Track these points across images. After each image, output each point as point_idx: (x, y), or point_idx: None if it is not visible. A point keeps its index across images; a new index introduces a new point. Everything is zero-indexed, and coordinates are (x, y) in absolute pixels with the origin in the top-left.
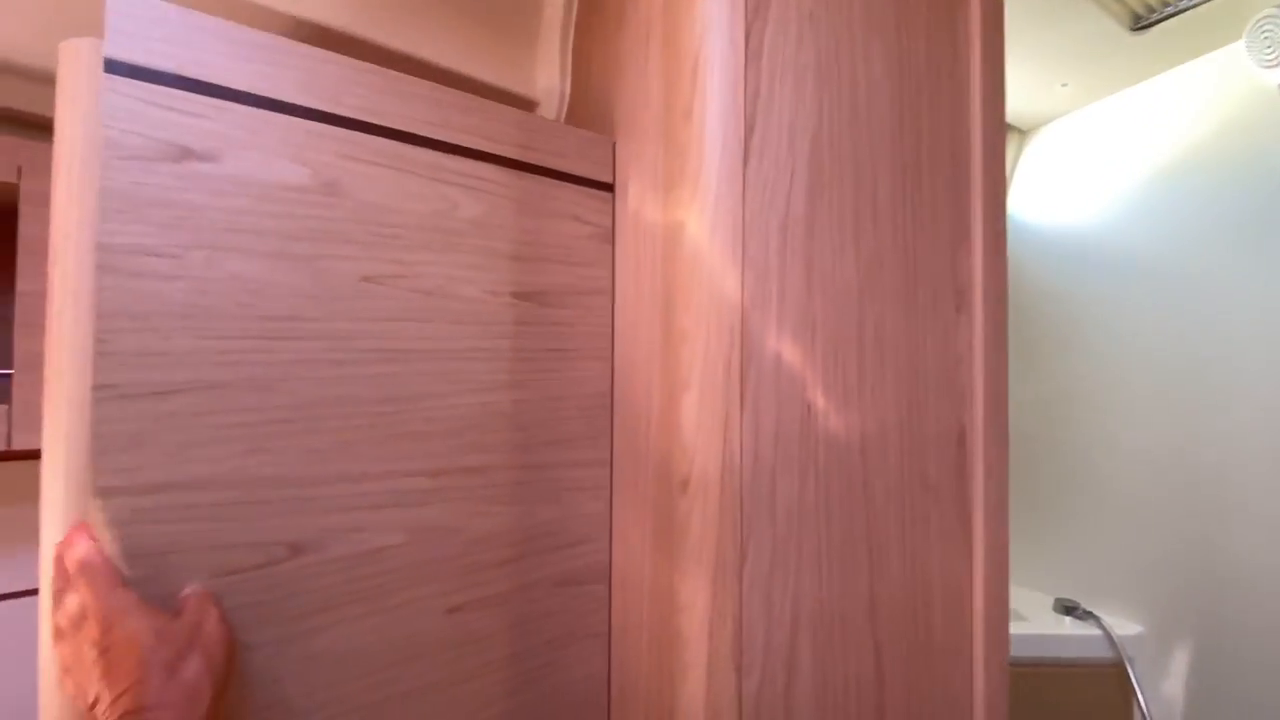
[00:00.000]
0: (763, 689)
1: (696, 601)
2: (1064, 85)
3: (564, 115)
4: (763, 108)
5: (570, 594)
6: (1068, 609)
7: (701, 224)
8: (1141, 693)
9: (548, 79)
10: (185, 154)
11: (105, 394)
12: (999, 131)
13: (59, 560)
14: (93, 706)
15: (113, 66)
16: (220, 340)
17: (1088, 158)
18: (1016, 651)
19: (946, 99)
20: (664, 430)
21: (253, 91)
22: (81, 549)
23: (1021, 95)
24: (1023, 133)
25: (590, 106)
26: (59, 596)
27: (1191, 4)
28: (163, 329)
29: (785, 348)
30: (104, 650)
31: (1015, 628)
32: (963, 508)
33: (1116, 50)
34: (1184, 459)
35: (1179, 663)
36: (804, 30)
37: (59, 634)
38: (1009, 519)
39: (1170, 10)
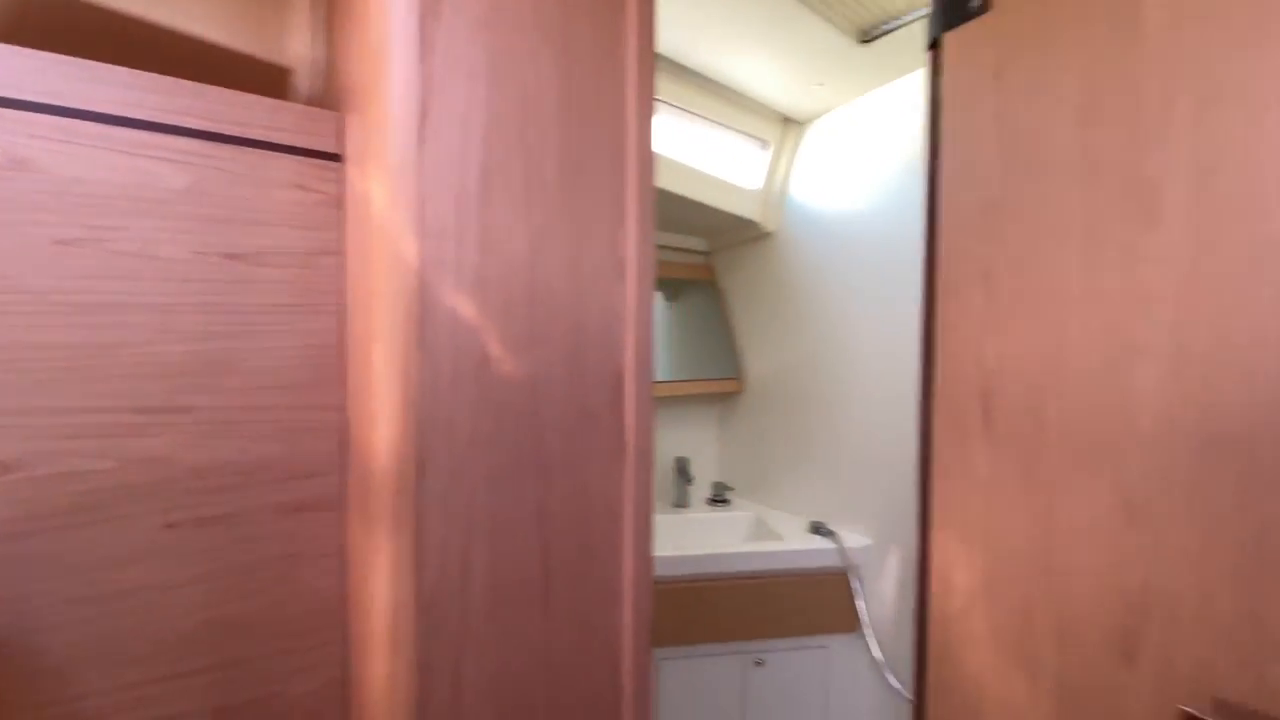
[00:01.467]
0: (440, 583)
1: (384, 514)
2: (820, 85)
3: (319, 84)
4: (437, 97)
5: (300, 519)
6: (817, 528)
7: (385, 195)
8: (862, 592)
9: (300, 46)
10: None
11: None
12: (647, 133)
13: None
14: None
15: None
16: None
17: (850, 150)
18: (772, 565)
19: (608, 102)
20: (365, 374)
21: None
22: None
23: (789, 91)
24: (800, 124)
25: (335, 78)
26: None
27: (904, 23)
28: None
29: (462, 305)
30: None
31: (772, 545)
32: (618, 432)
33: (851, 59)
34: (896, 410)
35: (891, 566)
36: (475, 33)
37: None
38: (654, 440)
39: (887, 28)
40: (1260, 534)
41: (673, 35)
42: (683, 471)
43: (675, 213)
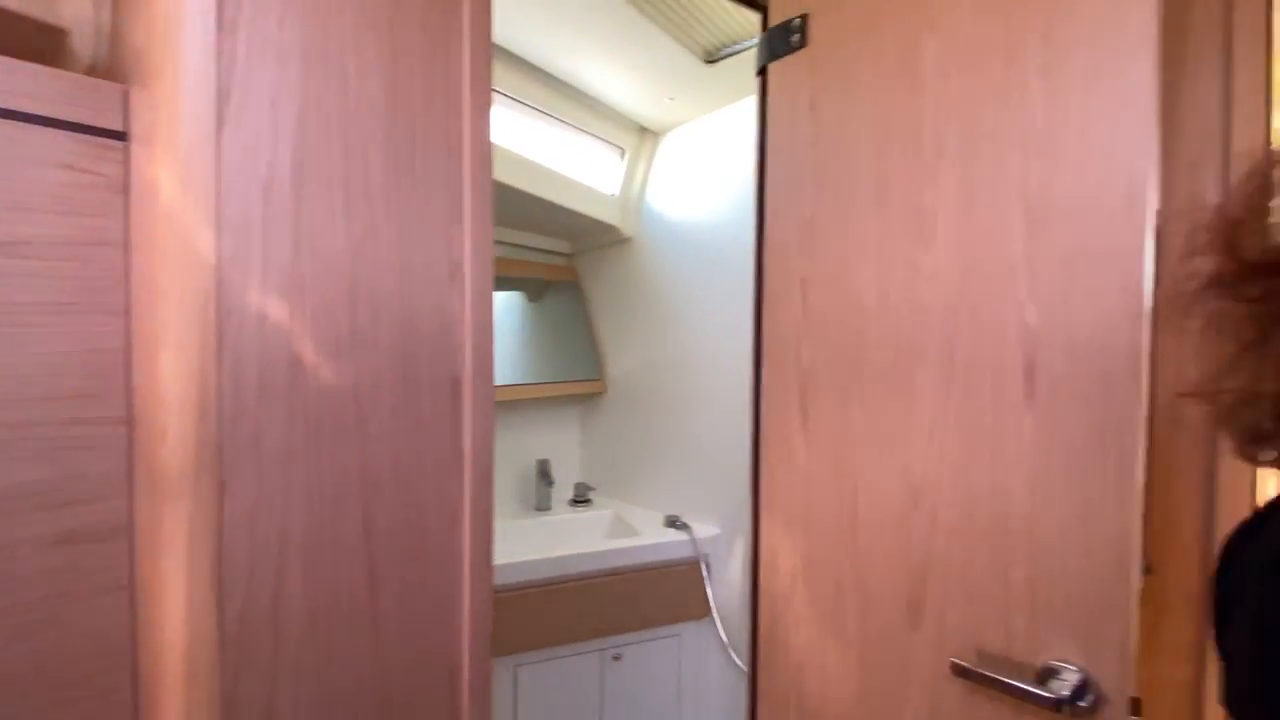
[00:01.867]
0: (249, 612)
1: (179, 540)
2: (671, 99)
3: (103, 51)
4: (240, 78)
5: (72, 552)
6: (672, 522)
7: (174, 183)
8: (709, 579)
9: (76, 7)
10: None
11: None
12: (484, 128)
13: None
14: None
15: None
16: None
17: (702, 163)
18: (629, 561)
19: (441, 99)
20: (154, 384)
21: None
22: None
23: (643, 102)
24: (655, 134)
25: (122, 44)
26: None
27: (744, 47)
28: None
29: (271, 306)
30: None
31: (628, 541)
32: (454, 440)
33: (699, 77)
34: (744, 407)
35: (738, 553)
36: (287, 13)
37: None
38: (494, 448)
39: (730, 51)
40: (999, 507)
41: (530, 38)
42: (544, 474)
43: (537, 214)
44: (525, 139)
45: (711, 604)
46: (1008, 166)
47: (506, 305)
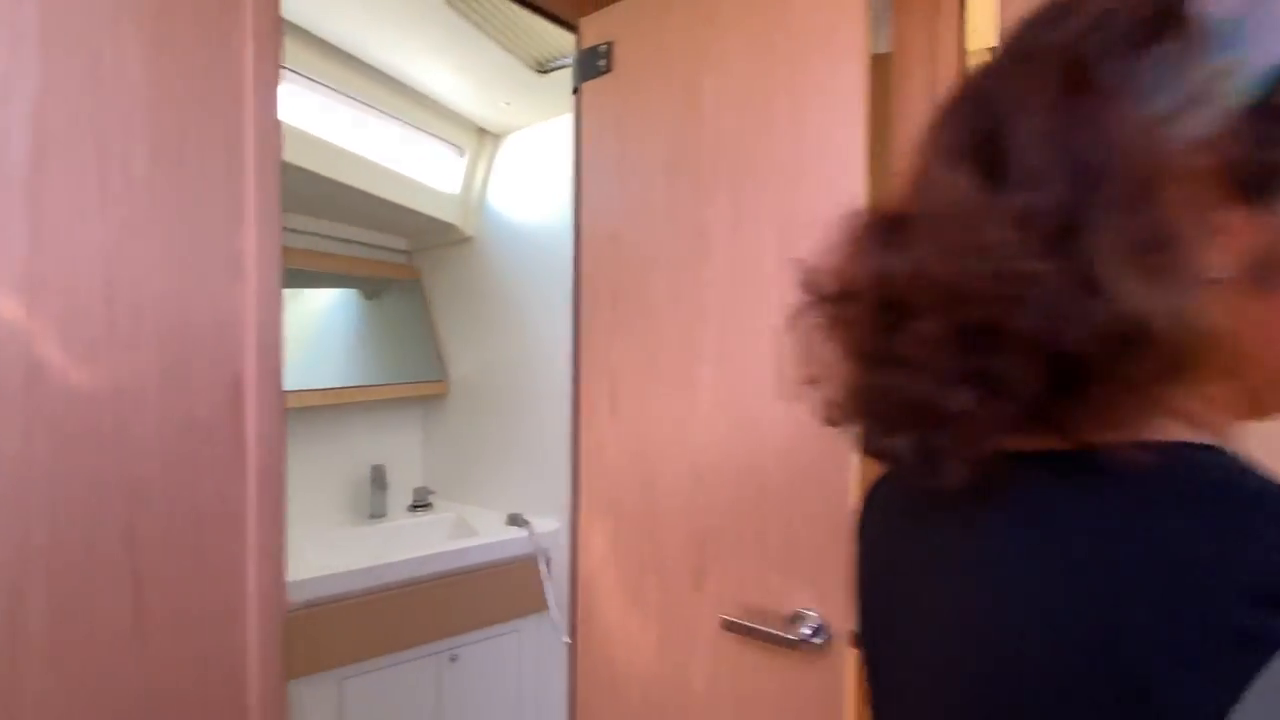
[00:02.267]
0: None
1: None
2: (507, 104)
3: None
4: None
5: None
6: (514, 520)
7: None
8: (548, 572)
9: None
10: None
11: None
12: (271, 116)
13: None
14: None
15: None
16: None
17: (542, 167)
18: (469, 561)
19: (221, 88)
20: None
21: None
22: None
23: (480, 104)
24: (496, 136)
25: None
26: None
27: (571, 62)
28: None
29: (2, 304)
30: None
31: (467, 541)
32: (237, 444)
33: (533, 86)
34: None
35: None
36: None
37: None
38: (285, 449)
39: (559, 64)
40: (758, 481)
41: (356, 33)
42: (379, 480)
43: (371, 210)
44: (359, 135)
45: (549, 596)
46: (766, 192)
47: (340, 303)
